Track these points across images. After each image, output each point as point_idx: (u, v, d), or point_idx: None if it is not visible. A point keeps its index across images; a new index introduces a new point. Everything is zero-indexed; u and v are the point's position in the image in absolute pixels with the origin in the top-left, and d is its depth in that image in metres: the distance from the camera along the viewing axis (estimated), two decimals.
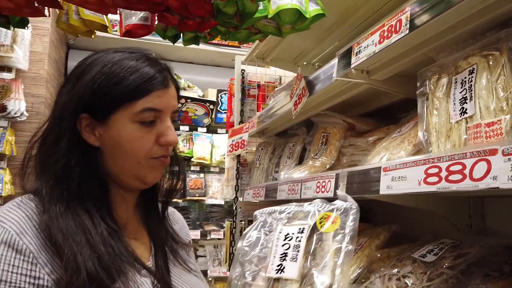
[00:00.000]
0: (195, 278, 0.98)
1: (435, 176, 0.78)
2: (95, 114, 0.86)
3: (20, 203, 0.81)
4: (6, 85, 3.37)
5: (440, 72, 0.94)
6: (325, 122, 1.62)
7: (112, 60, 0.86)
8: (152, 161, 0.88)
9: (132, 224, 0.93)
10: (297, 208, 0.88)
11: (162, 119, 0.89)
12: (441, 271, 0.97)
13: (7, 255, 0.73)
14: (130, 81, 0.84)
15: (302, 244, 0.79)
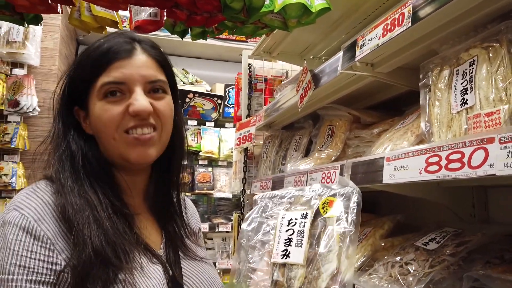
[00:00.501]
0: (205, 266, 0.99)
1: (436, 165, 0.80)
2: (80, 104, 0.90)
3: (36, 189, 0.83)
4: (18, 81, 3.44)
5: (442, 64, 0.96)
6: (331, 115, 1.65)
7: (86, 49, 0.90)
8: (126, 137, 0.85)
9: (142, 212, 0.94)
10: (297, 192, 0.90)
11: (130, 91, 0.85)
12: (443, 258, 1.00)
13: (26, 241, 0.74)
14: (92, 60, 0.87)
15: (306, 230, 0.81)
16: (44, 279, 0.73)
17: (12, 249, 0.73)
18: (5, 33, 3.43)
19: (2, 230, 0.76)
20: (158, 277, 0.84)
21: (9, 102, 3.42)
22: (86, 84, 0.87)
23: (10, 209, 0.79)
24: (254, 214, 0.93)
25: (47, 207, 0.79)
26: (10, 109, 3.41)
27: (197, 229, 1.10)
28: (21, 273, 0.72)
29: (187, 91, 4.29)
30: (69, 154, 0.87)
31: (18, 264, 0.73)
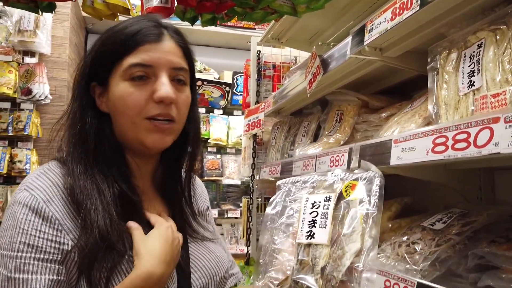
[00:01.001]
0: (212, 245, 1.00)
1: (442, 145, 0.83)
2: (99, 80, 0.89)
3: (46, 171, 0.84)
4: (30, 69, 3.49)
5: (450, 47, 0.97)
6: (339, 100, 1.66)
7: (111, 28, 0.90)
8: (146, 122, 0.86)
9: (149, 194, 0.95)
10: (320, 177, 0.92)
11: (156, 76, 0.86)
12: (449, 237, 1.02)
13: (34, 221, 0.76)
14: (120, 39, 0.86)
15: (330, 211, 0.83)
16: (51, 258, 0.76)
17: (22, 228, 0.76)
18: (16, 21, 3.47)
19: (12, 209, 0.79)
20: None
21: (21, 90, 3.48)
22: (110, 62, 0.87)
23: (21, 189, 0.81)
24: (278, 199, 0.95)
25: (56, 188, 0.81)
26: (23, 97, 3.47)
27: (205, 208, 1.12)
28: (29, 251, 0.75)
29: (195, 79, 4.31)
30: (83, 134, 0.87)
31: (26, 242, 0.75)
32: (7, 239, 0.76)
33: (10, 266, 0.74)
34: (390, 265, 1.06)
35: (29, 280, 0.73)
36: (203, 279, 0.92)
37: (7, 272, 0.74)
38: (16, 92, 3.52)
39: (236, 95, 4.60)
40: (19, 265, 0.74)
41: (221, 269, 0.98)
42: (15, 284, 0.73)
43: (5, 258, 0.75)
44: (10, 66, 3.53)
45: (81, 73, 0.90)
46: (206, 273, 0.94)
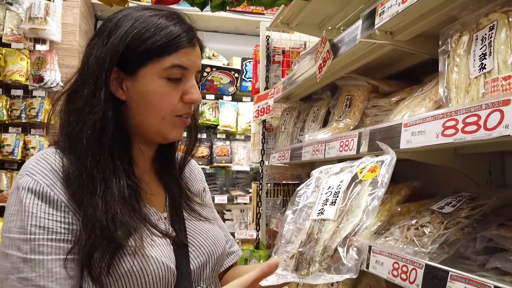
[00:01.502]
0: (208, 225, 1.02)
1: (452, 128, 0.83)
2: (125, 67, 0.87)
3: (46, 156, 0.84)
4: (42, 57, 3.52)
5: (462, 29, 0.96)
6: (349, 85, 1.66)
7: (144, 15, 0.89)
8: (175, 119, 0.91)
9: (147, 176, 0.97)
10: (347, 164, 0.94)
11: (187, 78, 0.91)
12: (457, 220, 1.03)
13: (42, 205, 0.78)
14: (161, 36, 0.87)
15: (341, 191, 0.86)
16: (63, 238, 0.78)
17: (31, 212, 0.77)
18: (27, 9, 3.50)
19: (17, 194, 0.80)
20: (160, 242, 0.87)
21: (33, 77, 3.52)
22: (148, 55, 0.87)
23: (22, 174, 0.82)
24: (305, 186, 0.97)
25: (56, 173, 0.82)
26: (35, 84, 3.51)
27: (201, 189, 1.14)
28: (41, 233, 0.77)
29: (204, 65, 4.31)
30: (97, 119, 0.84)
31: (38, 225, 0.77)
32: (18, 223, 0.77)
33: (25, 248, 0.76)
34: (398, 247, 1.07)
35: (44, 261, 0.76)
36: (201, 257, 0.94)
37: (22, 254, 0.75)
38: (28, 80, 3.57)
39: (245, 81, 4.59)
40: (34, 247, 0.76)
41: (218, 248, 1.00)
42: (31, 265, 0.75)
43: (18, 241, 0.76)
44: (22, 54, 3.57)
45: (110, 60, 0.85)
46: (203, 251, 0.96)
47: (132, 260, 0.80)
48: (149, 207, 0.92)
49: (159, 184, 1.01)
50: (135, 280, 0.80)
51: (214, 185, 4.46)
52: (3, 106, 3.58)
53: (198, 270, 0.94)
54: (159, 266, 0.83)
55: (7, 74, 3.52)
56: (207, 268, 0.96)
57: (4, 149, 3.54)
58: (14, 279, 0.75)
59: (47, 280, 0.75)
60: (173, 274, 0.86)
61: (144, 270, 0.81)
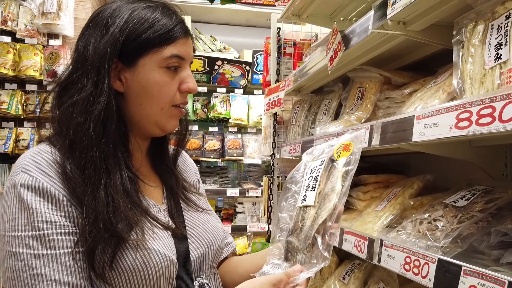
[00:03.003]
0: (206, 216, 1.04)
1: (466, 120, 0.81)
2: (124, 58, 0.87)
3: (40, 151, 0.84)
4: (55, 52, 3.56)
5: (477, 19, 0.94)
6: (361, 76, 1.64)
7: (139, 6, 0.90)
8: (172, 109, 0.93)
9: (144, 169, 0.98)
10: (328, 143, 0.94)
11: (184, 67, 0.94)
12: (471, 214, 1.01)
13: (43, 200, 0.78)
14: (160, 26, 0.88)
15: (320, 174, 0.86)
16: (72, 231, 0.78)
17: (35, 208, 0.77)
18: (40, 4, 3.53)
19: (14, 192, 0.79)
20: (161, 234, 0.88)
21: (47, 72, 3.56)
22: (148, 45, 0.88)
23: (17, 171, 0.80)
24: (295, 170, 0.97)
25: (53, 168, 0.81)
26: (49, 79, 3.56)
27: (196, 181, 1.15)
28: (50, 228, 0.77)
29: (216, 58, 4.30)
30: (105, 114, 0.83)
31: (45, 220, 0.77)
32: (22, 220, 0.77)
33: (35, 244, 0.75)
34: (411, 241, 1.06)
35: (57, 255, 0.76)
36: (201, 248, 0.95)
37: (33, 250, 0.75)
38: (42, 74, 3.61)
39: (257, 74, 4.57)
40: (45, 242, 0.76)
41: (217, 238, 1.01)
42: (43, 260, 0.75)
43: (27, 238, 0.76)
44: (36, 49, 3.61)
45: (111, 50, 0.85)
46: (203, 242, 0.96)
47: (134, 253, 0.81)
48: (148, 200, 0.93)
49: (156, 176, 1.02)
50: (138, 273, 0.81)
51: (226, 178, 4.47)
52: (18, 101, 3.64)
53: (198, 261, 0.94)
54: (162, 258, 0.84)
55: (22, 69, 3.57)
56: (207, 259, 0.97)
57: (20, 143, 3.60)
58: (28, 277, 0.74)
59: (62, 273, 0.76)
60: (175, 266, 0.87)
61: (147, 263, 0.82)
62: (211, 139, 4.35)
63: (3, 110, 3.54)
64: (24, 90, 3.73)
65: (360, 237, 1.25)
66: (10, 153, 3.58)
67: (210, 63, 4.28)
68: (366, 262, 1.50)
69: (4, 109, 3.54)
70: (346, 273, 1.63)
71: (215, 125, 4.51)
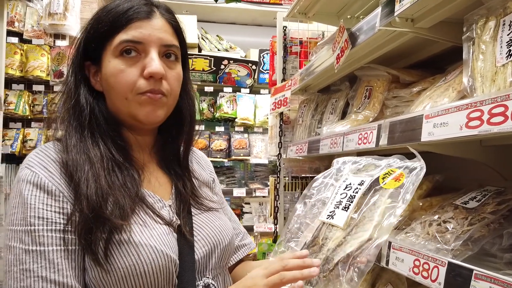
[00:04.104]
0: (217, 214, 1.03)
1: (477, 119, 0.78)
2: (93, 58, 0.92)
3: (44, 149, 0.88)
4: (61, 52, 3.57)
5: (488, 15, 0.91)
6: (369, 75, 1.61)
7: (104, 7, 0.92)
8: (139, 97, 0.89)
9: (151, 166, 0.98)
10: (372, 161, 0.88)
11: (146, 52, 0.89)
12: (483, 216, 0.98)
13: (40, 196, 0.80)
14: (111, 16, 0.89)
15: (358, 196, 0.79)
16: (63, 228, 0.79)
17: (29, 203, 0.79)
18: (46, 5, 3.55)
19: (17, 187, 0.82)
20: (161, 231, 0.87)
21: (54, 72, 3.58)
22: (102, 40, 0.89)
23: (22, 167, 0.84)
24: (324, 175, 0.92)
25: (55, 163, 0.84)
26: (56, 79, 3.57)
27: (211, 180, 1.14)
28: (41, 224, 0.78)
29: (222, 58, 4.29)
30: (77, 108, 0.90)
31: (37, 216, 0.78)
32: (19, 215, 0.79)
33: (27, 239, 0.77)
34: (420, 244, 1.04)
35: (46, 252, 0.77)
36: (205, 247, 0.94)
37: (24, 245, 0.77)
38: (49, 75, 3.63)
39: (263, 73, 4.55)
40: (35, 238, 0.77)
41: (225, 237, 0.99)
42: (33, 256, 0.76)
43: (20, 233, 0.78)
44: (43, 50, 3.63)
45: (76, 52, 0.92)
46: (209, 241, 0.95)
47: (129, 249, 0.80)
48: (152, 195, 0.93)
49: (165, 174, 1.01)
50: (134, 269, 0.80)
51: (233, 178, 4.46)
52: (26, 101, 3.66)
53: (203, 260, 0.93)
54: (158, 255, 0.83)
55: (29, 70, 3.59)
56: (212, 258, 0.95)
57: (27, 144, 3.62)
58: (17, 271, 0.76)
59: (49, 271, 0.76)
60: (174, 264, 0.85)
61: (142, 259, 0.81)
62: (218, 139, 4.34)
63: (11, 111, 3.56)
64: (31, 91, 3.75)
65: None
66: (17, 154, 3.60)
67: (216, 62, 4.27)
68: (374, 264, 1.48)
69: (12, 109, 3.56)
70: None
71: (221, 125, 4.50)
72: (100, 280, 0.79)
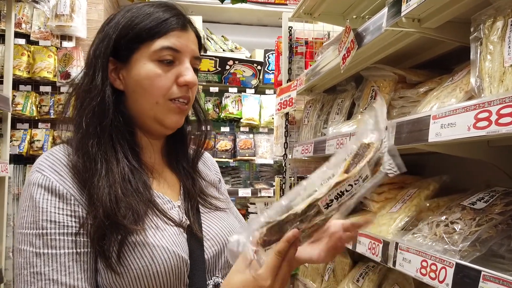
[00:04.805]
0: (224, 215, 1.03)
1: (485, 120, 0.78)
2: (119, 56, 0.90)
3: (54, 151, 0.87)
4: (68, 53, 3.60)
5: (496, 15, 0.90)
6: (375, 75, 1.60)
7: (136, 6, 0.93)
8: (169, 103, 0.91)
9: (160, 167, 0.99)
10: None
11: (181, 61, 0.92)
12: (490, 217, 0.98)
13: (52, 199, 0.80)
14: (150, 20, 0.89)
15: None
16: (74, 231, 0.79)
17: (41, 207, 0.79)
18: (53, 6, 3.57)
19: (28, 190, 0.82)
20: (172, 231, 0.87)
21: (61, 74, 3.60)
22: (138, 41, 0.89)
23: (33, 171, 0.84)
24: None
25: (66, 167, 0.84)
26: (62, 80, 3.60)
27: (217, 180, 1.14)
28: (53, 227, 0.78)
29: (227, 58, 4.29)
30: (101, 109, 0.87)
31: (49, 219, 0.79)
32: (29, 218, 0.79)
33: (38, 243, 0.77)
34: (427, 245, 1.03)
35: (57, 255, 0.77)
36: (215, 247, 0.94)
37: (35, 248, 0.77)
38: (56, 76, 3.66)
39: (268, 73, 4.54)
40: (46, 241, 0.77)
41: None
42: (44, 259, 0.77)
43: (31, 236, 0.78)
44: (49, 51, 3.66)
45: (105, 48, 0.89)
46: (218, 241, 0.96)
47: (142, 250, 0.81)
48: (162, 196, 0.93)
49: (173, 175, 1.02)
50: (146, 270, 0.80)
51: (238, 178, 4.46)
52: (33, 102, 3.69)
53: (212, 260, 0.94)
54: (170, 255, 0.83)
55: (36, 71, 3.62)
56: (222, 258, 0.96)
57: (35, 144, 3.65)
58: (28, 274, 0.76)
59: (60, 274, 0.77)
60: (186, 264, 0.86)
61: (155, 260, 0.81)
62: (223, 139, 4.35)
63: (18, 112, 3.59)
64: (38, 92, 3.78)
65: (375, 239, 1.22)
66: (24, 154, 3.64)
67: (222, 63, 4.27)
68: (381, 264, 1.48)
69: (19, 110, 3.59)
70: (360, 275, 1.60)
71: (226, 125, 4.51)
72: (113, 281, 0.80)
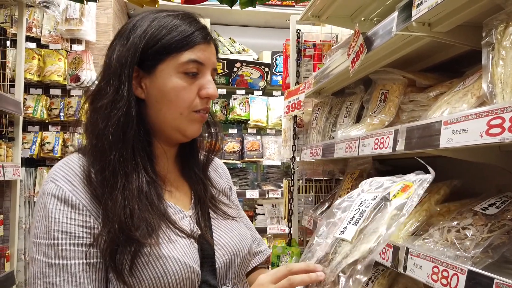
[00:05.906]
0: (235, 223, 1.03)
1: (498, 127, 0.77)
2: (144, 65, 0.90)
3: (69, 161, 0.87)
4: (78, 57, 3.63)
5: (508, 20, 0.90)
6: (384, 78, 1.60)
7: (160, 16, 0.93)
8: (193, 114, 0.92)
9: (172, 175, 0.99)
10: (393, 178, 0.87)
11: (203, 73, 0.93)
12: (503, 223, 0.97)
13: (64, 210, 0.81)
14: (178, 33, 0.90)
15: (368, 210, 0.79)
16: (85, 242, 0.80)
17: (53, 217, 0.80)
18: (63, 10, 3.61)
19: (42, 200, 0.83)
20: (183, 243, 0.88)
21: (70, 77, 3.64)
22: (165, 52, 0.89)
23: (47, 181, 0.85)
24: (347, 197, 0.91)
25: (78, 177, 0.84)
26: (72, 83, 3.63)
27: (227, 188, 1.14)
28: (64, 238, 0.79)
29: (235, 60, 4.31)
30: (127, 119, 0.86)
31: (60, 230, 0.80)
32: (43, 228, 0.80)
33: (50, 253, 0.79)
34: (438, 251, 1.03)
35: (68, 265, 0.78)
36: (226, 256, 0.95)
37: (47, 259, 0.78)
38: (66, 79, 3.69)
39: (276, 75, 4.55)
40: (58, 252, 0.79)
41: (244, 246, 1.00)
42: (56, 269, 0.78)
43: (44, 246, 0.79)
44: (59, 54, 3.69)
45: (131, 57, 0.88)
46: (229, 250, 0.96)
47: (154, 262, 0.81)
48: (173, 206, 0.93)
49: (184, 183, 1.02)
50: (158, 282, 0.81)
51: (246, 180, 4.47)
52: (43, 105, 3.73)
53: (223, 269, 0.94)
54: (182, 267, 0.84)
55: (46, 75, 3.65)
56: (233, 267, 0.96)
57: (45, 147, 3.69)
58: (41, 284, 0.78)
59: (71, 284, 0.78)
60: (197, 275, 0.87)
61: (166, 271, 0.82)
62: (231, 141, 4.36)
63: (29, 115, 3.63)
64: (48, 95, 3.82)
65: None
66: (35, 157, 3.67)
67: (229, 65, 4.29)
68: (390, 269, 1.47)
69: (30, 113, 3.63)
70: (370, 279, 1.60)
71: (234, 127, 4.52)
72: None
